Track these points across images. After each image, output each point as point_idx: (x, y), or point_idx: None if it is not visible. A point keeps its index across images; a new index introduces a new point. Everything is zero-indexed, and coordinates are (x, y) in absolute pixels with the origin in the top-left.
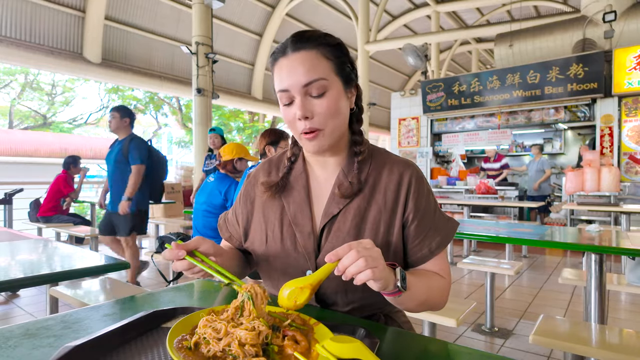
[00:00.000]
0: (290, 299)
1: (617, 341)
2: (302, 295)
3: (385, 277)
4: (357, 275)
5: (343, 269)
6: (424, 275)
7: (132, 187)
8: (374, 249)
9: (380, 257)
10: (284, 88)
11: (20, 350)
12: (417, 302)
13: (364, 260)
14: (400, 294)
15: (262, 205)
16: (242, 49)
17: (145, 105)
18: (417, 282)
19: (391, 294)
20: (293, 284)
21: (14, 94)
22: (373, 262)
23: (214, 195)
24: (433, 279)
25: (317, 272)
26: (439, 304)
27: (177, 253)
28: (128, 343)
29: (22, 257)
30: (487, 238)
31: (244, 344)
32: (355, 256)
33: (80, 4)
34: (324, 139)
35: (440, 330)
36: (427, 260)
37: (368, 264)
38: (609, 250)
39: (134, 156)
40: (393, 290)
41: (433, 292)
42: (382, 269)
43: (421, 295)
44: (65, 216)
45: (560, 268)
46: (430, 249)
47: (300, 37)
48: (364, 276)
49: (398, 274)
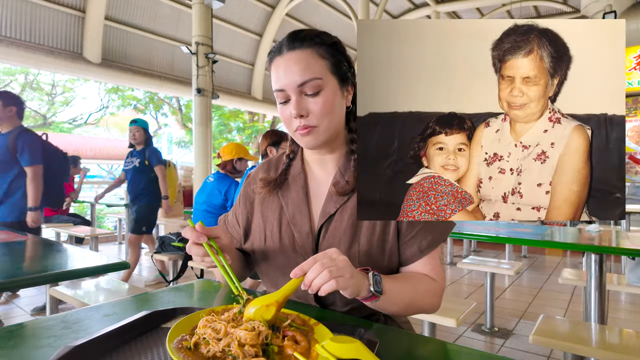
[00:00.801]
0: (257, 316)
1: (617, 341)
2: (268, 312)
3: (354, 284)
4: (322, 287)
5: (309, 283)
6: (407, 278)
7: (36, 194)
8: (340, 258)
9: (347, 265)
10: (279, 88)
11: (20, 350)
12: (400, 306)
13: (328, 272)
14: (376, 298)
15: (261, 205)
16: (242, 49)
17: (145, 105)
18: (397, 286)
19: (367, 299)
20: (259, 302)
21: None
22: (337, 272)
23: (214, 195)
24: (419, 281)
25: (283, 288)
26: (429, 306)
27: (198, 237)
28: (128, 343)
29: (22, 257)
30: (487, 238)
31: (244, 344)
32: (320, 269)
33: (80, 4)
34: (318, 135)
35: (440, 330)
36: (417, 259)
37: (332, 274)
38: (609, 250)
39: (27, 156)
40: (367, 295)
41: (419, 295)
42: (349, 277)
43: (403, 298)
44: (65, 216)
45: (560, 268)
46: (420, 248)
47: (296, 36)
48: (329, 287)
49: (371, 278)
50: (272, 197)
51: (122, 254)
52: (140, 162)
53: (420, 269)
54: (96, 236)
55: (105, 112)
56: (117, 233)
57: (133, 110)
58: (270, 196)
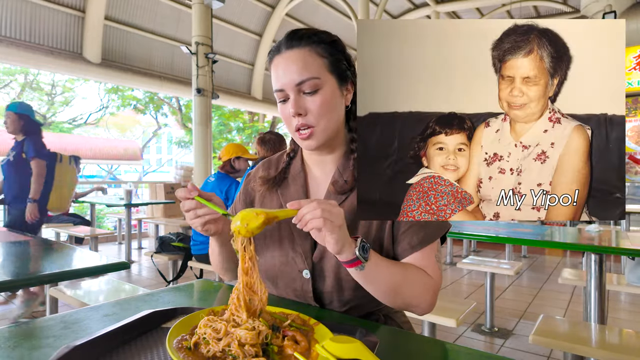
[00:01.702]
0: (242, 222)
1: (617, 341)
2: (256, 220)
3: (340, 234)
4: (310, 222)
5: (301, 215)
6: (399, 263)
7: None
8: (337, 207)
9: (340, 214)
10: (278, 87)
11: (20, 350)
12: (388, 286)
13: (320, 211)
14: (361, 264)
15: (261, 205)
16: (242, 49)
17: (145, 105)
18: (385, 263)
19: (351, 263)
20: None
21: (13, 94)
22: (329, 215)
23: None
24: (412, 269)
25: (277, 210)
26: (421, 300)
27: (190, 191)
28: (128, 343)
29: (22, 257)
30: (486, 238)
31: (244, 344)
32: (315, 206)
33: (80, 4)
34: (317, 137)
35: (440, 330)
36: (407, 254)
37: (324, 214)
38: (609, 250)
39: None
40: (351, 258)
41: (410, 283)
42: (338, 225)
43: (392, 279)
44: (65, 216)
45: (560, 268)
46: (410, 244)
47: (294, 35)
48: (316, 223)
49: (358, 242)
50: (272, 196)
51: (122, 254)
52: (16, 155)
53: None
54: (96, 236)
55: (105, 112)
56: (117, 233)
57: (133, 110)
58: (269, 195)
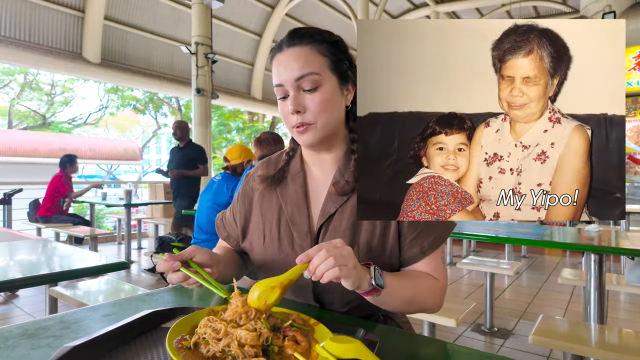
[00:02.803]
0: (260, 299)
1: (617, 341)
2: (272, 294)
3: (357, 274)
4: (325, 274)
5: (313, 269)
6: (409, 275)
7: None
8: (344, 247)
9: (351, 255)
10: (278, 83)
11: (19, 350)
12: (402, 302)
13: (332, 259)
14: (378, 292)
15: (260, 204)
16: (241, 49)
17: (144, 105)
18: (398, 282)
19: (368, 293)
20: (263, 284)
21: (13, 94)
22: (342, 260)
23: (221, 194)
24: (421, 278)
25: (288, 272)
26: (431, 305)
27: (171, 265)
28: (127, 343)
29: (21, 257)
30: (486, 238)
31: (244, 345)
32: (325, 255)
33: (79, 4)
34: (315, 132)
35: (440, 330)
36: (419, 259)
37: (337, 262)
38: (609, 250)
39: None
40: (369, 289)
41: (421, 292)
42: (352, 267)
43: (405, 294)
44: (64, 216)
45: (560, 268)
46: (422, 248)
47: (296, 33)
48: (332, 274)
49: (372, 272)
50: (271, 196)
51: (121, 254)
52: None
53: (422, 268)
54: (95, 236)
55: (105, 112)
56: (116, 233)
57: (132, 110)
58: (269, 193)
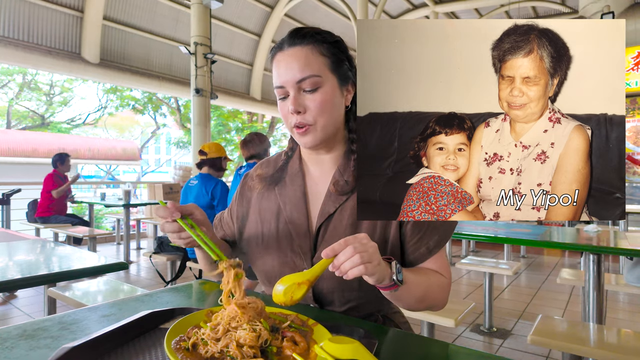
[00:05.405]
0: (286, 295)
1: (615, 341)
2: (299, 291)
3: (380, 271)
4: (350, 271)
5: (339, 264)
6: (422, 271)
7: None
8: (370, 243)
9: (376, 251)
10: (279, 84)
11: (18, 351)
12: (416, 298)
13: (359, 257)
14: (396, 288)
15: (259, 204)
16: (240, 49)
17: (143, 105)
18: (414, 277)
19: (387, 287)
20: (289, 280)
21: (11, 94)
22: (368, 257)
23: (201, 196)
24: (432, 275)
25: (314, 267)
26: (440, 302)
27: (171, 213)
28: (126, 344)
29: (20, 257)
30: (485, 238)
31: (242, 345)
32: (352, 252)
33: (78, 4)
34: (315, 133)
35: (439, 330)
36: (426, 259)
37: (363, 259)
38: (607, 250)
39: None
40: (389, 284)
41: (432, 289)
42: (377, 263)
43: (419, 291)
44: (63, 217)
45: (559, 268)
46: (428, 248)
47: (297, 32)
48: (357, 271)
49: (394, 267)
50: (270, 196)
51: (120, 255)
52: None
53: (429, 267)
54: (94, 237)
55: (104, 113)
56: (115, 234)
57: (131, 110)
58: (267, 193)
